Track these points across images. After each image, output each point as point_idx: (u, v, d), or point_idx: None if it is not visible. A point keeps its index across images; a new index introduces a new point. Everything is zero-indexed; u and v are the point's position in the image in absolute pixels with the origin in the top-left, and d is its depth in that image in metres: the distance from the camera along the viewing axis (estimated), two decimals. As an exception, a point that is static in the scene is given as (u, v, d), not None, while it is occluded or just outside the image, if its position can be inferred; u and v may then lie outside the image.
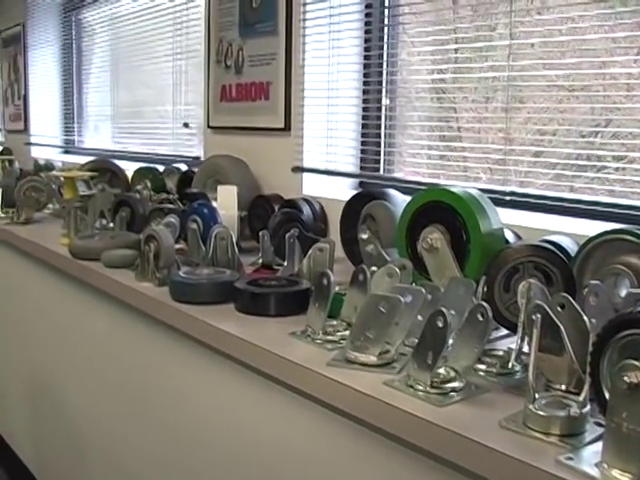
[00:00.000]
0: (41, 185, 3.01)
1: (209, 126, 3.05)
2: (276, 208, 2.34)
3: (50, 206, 3.17)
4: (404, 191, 2.12)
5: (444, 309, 1.13)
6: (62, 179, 2.80)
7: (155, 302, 1.78)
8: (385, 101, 2.48)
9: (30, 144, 5.23)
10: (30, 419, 3.03)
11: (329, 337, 1.42)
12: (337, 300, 1.46)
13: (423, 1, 2.32)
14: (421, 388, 1.15)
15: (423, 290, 1.33)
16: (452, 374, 1.17)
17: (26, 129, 5.31)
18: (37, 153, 5.06)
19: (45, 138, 5.13)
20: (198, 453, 1.77)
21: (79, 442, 2.51)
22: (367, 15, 2.48)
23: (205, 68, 3.05)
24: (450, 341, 1.16)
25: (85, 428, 2.45)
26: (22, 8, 5.17)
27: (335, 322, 1.46)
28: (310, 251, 1.75)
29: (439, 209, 1.58)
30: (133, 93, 4.27)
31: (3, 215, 3.11)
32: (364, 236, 1.70)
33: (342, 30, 2.49)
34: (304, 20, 2.52)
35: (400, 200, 1.97)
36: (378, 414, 1.15)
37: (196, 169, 2.87)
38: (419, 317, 1.33)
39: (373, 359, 1.28)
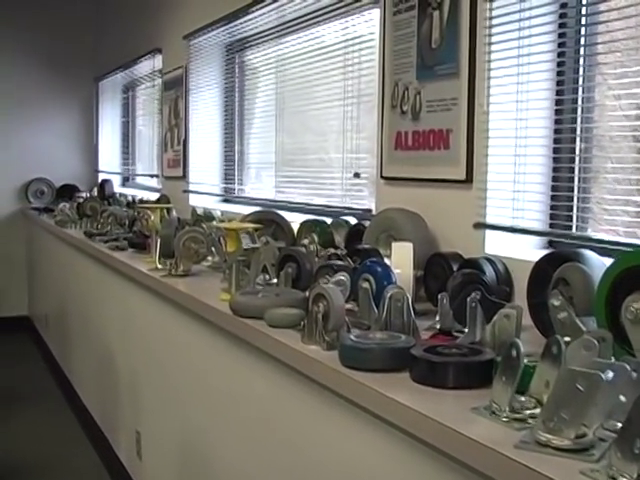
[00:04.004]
0: (201, 236, 3.14)
1: (382, 176, 3.07)
2: (455, 268, 2.35)
3: (209, 258, 3.29)
4: (599, 251, 2.08)
5: (654, 390, 1.11)
6: (224, 230, 2.91)
7: (323, 367, 1.83)
8: (580, 146, 2.43)
9: (188, 192, 5.42)
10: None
11: (516, 415, 1.41)
12: (526, 373, 1.45)
13: (624, 37, 2.29)
14: (626, 481, 1.12)
15: (627, 366, 1.31)
16: (662, 466, 1.14)
17: (185, 176, 5.53)
18: (195, 201, 5.26)
19: (204, 186, 5.33)
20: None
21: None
22: (560, 55, 2.46)
23: (379, 113, 3.09)
24: (660, 427, 1.14)
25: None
26: (185, 50, 5.45)
27: (523, 398, 1.45)
28: (495, 317, 1.75)
29: (646, 274, 1.55)
30: (296, 139, 4.38)
31: (160, 266, 3.26)
32: (556, 302, 1.68)
33: (532, 72, 2.47)
34: (489, 61, 2.52)
35: (597, 262, 1.93)
36: (575, 506, 1.13)
37: (367, 223, 2.92)
38: (621, 397, 1.31)
39: (568, 443, 1.26)
